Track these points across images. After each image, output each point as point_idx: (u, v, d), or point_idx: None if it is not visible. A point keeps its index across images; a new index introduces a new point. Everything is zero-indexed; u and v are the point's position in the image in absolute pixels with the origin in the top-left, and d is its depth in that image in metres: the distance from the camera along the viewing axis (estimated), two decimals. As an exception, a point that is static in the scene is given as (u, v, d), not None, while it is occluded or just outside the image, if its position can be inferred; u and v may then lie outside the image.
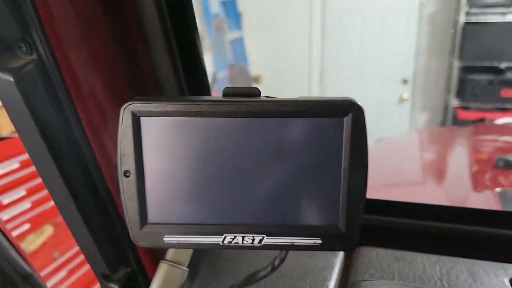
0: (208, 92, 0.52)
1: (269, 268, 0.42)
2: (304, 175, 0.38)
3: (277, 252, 0.42)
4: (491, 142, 1.60)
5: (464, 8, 3.07)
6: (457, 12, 3.15)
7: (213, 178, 0.38)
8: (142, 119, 0.37)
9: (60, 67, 0.38)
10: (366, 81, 3.59)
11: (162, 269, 0.49)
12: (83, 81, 0.40)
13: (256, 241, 0.39)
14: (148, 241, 0.40)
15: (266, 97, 0.38)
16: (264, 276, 0.42)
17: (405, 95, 3.59)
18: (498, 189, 1.17)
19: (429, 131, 2.96)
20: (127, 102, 0.37)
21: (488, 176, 1.28)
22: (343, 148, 0.37)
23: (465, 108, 3.32)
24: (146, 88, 0.46)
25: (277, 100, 0.37)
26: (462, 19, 3.09)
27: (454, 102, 3.32)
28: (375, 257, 0.49)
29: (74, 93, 0.40)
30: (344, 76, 3.62)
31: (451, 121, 3.41)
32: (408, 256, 0.48)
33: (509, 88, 3.18)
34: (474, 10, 3.07)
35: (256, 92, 0.38)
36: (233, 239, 0.39)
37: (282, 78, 3.59)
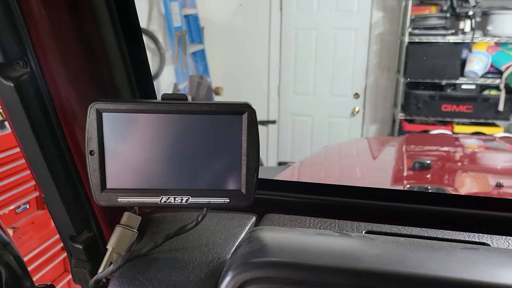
0: (153, 96, 0.69)
1: (194, 223, 0.59)
2: (217, 154, 0.55)
3: (200, 211, 0.59)
4: (417, 149, 1.83)
5: (408, 29, 3.34)
6: (402, 33, 3.43)
7: (154, 156, 0.55)
8: (104, 114, 0.53)
9: (45, 77, 0.54)
10: (321, 95, 3.81)
11: (118, 231, 0.65)
12: (61, 87, 0.57)
13: (184, 200, 0.56)
14: (107, 201, 0.56)
15: (191, 101, 0.55)
16: (191, 228, 0.59)
17: (357, 108, 3.82)
18: (408, 185, 1.39)
19: (366, 139, 3.22)
20: (93, 102, 0.53)
21: (405, 175, 1.50)
22: (242, 136, 0.54)
23: (410, 121, 3.58)
24: (106, 92, 0.62)
25: (198, 102, 0.55)
26: (407, 39, 3.36)
27: (401, 115, 3.57)
28: (276, 219, 0.66)
29: (55, 95, 0.56)
30: (301, 90, 3.84)
31: (398, 132, 3.68)
32: (299, 219, 0.65)
33: (448, 103, 3.45)
34: (417, 31, 3.34)
35: (184, 97, 0.55)
36: (167, 199, 0.56)
37: (242, 91, 3.77)
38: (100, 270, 0.62)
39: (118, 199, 0.56)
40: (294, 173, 1.77)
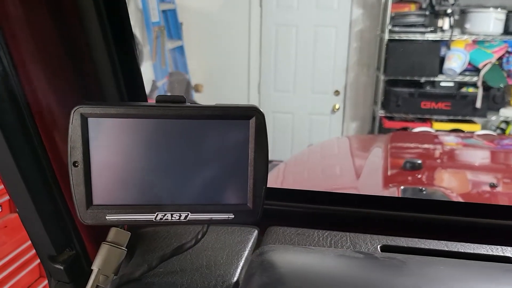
0: (145, 99, 0.62)
1: (193, 241, 0.52)
2: (220, 164, 0.49)
3: (200, 227, 0.52)
4: (404, 147, 1.81)
5: (388, 27, 3.33)
6: (382, 30, 3.43)
7: (147, 168, 0.48)
8: (89, 119, 0.46)
9: (20, 78, 0.46)
10: (301, 92, 3.78)
11: (104, 249, 0.57)
12: (38, 88, 0.49)
13: (182, 217, 0.49)
14: (93, 219, 0.48)
15: (191, 103, 0.49)
16: (189, 247, 0.52)
17: (337, 106, 3.81)
18: (402, 187, 1.36)
19: (350, 137, 3.21)
20: (75, 105, 0.45)
21: (395, 175, 1.47)
22: (249, 143, 0.48)
23: (390, 118, 3.59)
24: (92, 94, 0.55)
25: (198, 106, 0.48)
26: (387, 36, 3.35)
27: (381, 112, 3.57)
28: (281, 233, 0.60)
29: (31, 98, 0.48)
30: (281, 87, 3.80)
31: (378, 129, 3.68)
32: (307, 232, 0.59)
33: (428, 100, 3.47)
34: (397, 28, 3.34)
35: (182, 100, 0.48)
36: (163, 216, 0.49)
37: (222, 88, 3.70)
38: (85, 294, 0.55)
39: (107, 217, 0.48)
40: (279, 175, 1.71)
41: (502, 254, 0.54)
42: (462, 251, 0.55)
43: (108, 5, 0.52)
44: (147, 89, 3.04)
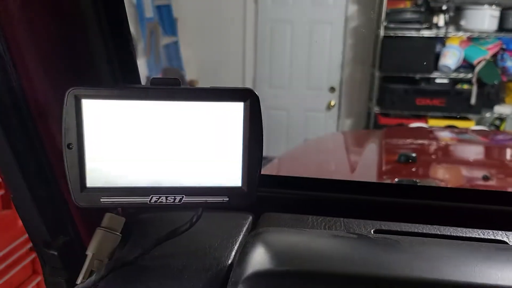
0: (138, 81, 0.62)
1: (188, 224, 0.52)
2: (214, 147, 0.49)
3: (195, 212, 0.52)
4: (399, 142, 1.81)
5: (383, 23, 3.34)
6: (377, 27, 3.43)
7: (142, 149, 0.48)
8: (83, 101, 0.46)
9: (13, 60, 0.46)
10: (296, 89, 3.78)
11: (98, 234, 0.57)
12: (32, 71, 0.48)
13: (177, 200, 0.49)
14: (87, 202, 0.48)
15: (185, 86, 0.49)
16: (184, 231, 0.52)
17: (333, 102, 3.81)
18: (396, 179, 1.36)
19: (346, 133, 3.22)
20: (69, 87, 0.45)
21: (390, 168, 1.47)
22: (243, 126, 0.48)
23: (385, 115, 3.60)
24: (86, 77, 0.55)
25: (194, 88, 0.48)
26: (382, 33, 3.36)
27: (376, 109, 3.58)
28: (276, 219, 0.60)
29: (25, 81, 0.48)
30: (276, 84, 3.80)
31: (373, 126, 3.69)
32: (302, 218, 0.60)
33: (423, 97, 3.48)
34: (392, 25, 3.35)
35: (177, 82, 0.48)
36: (158, 198, 0.49)
37: (216, 84, 3.64)
38: (79, 279, 0.55)
39: (101, 200, 0.48)
40: (273, 170, 1.71)
41: (494, 237, 0.55)
42: (454, 234, 0.55)
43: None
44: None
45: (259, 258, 0.41)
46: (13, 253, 1.84)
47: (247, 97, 0.48)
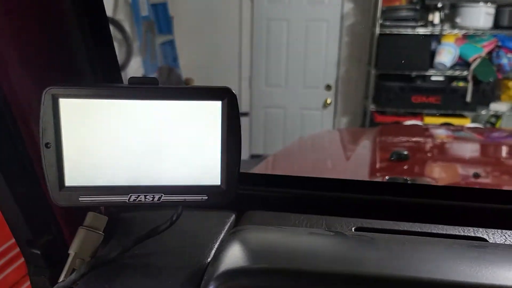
0: (120, 80, 0.62)
1: (168, 223, 0.52)
2: (192, 145, 0.49)
3: (175, 210, 0.53)
4: (393, 140, 1.82)
5: (379, 21, 3.34)
6: (373, 24, 3.43)
7: (120, 148, 0.48)
8: (61, 100, 0.46)
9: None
10: (293, 87, 3.79)
11: (81, 233, 0.57)
12: (11, 69, 0.49)
13: (156, 199, 0.49)
14: (66, 201, 0.48)
15: (164, 85, 0.49)
16: (164, 229, 0.52)
17: (329, 100, 3.81)
18: (387, 177, 1.37)
19: (340, 130, 3.22)
20: (48, 86, 0.45)
21: (382, 166, 1.48)
22: (221, 124, 0.48)
23: (381, 113, 3.60)
24: (66, 76, 0.55)
25: (172, 87, 0.48)
26: (377, 30, 3.36)
27: (372, 106, 3.58)
28: (258, 217, 0.60)
29: (3, 79, 0.48)
30: (272, 82, 3.80)
31: (369, 124, 3.69)
32: (284, 216, 0.60)
33: (418, 94, 3.49)
34: (388, 23, 3.34)
35: (154, 81, 0.48)
36: (137, 197, 0.49)
37: (213, 82, 3.68)
38: (61, 277, 0.55)
39: (80, 198, 0.48)
40: (268, 167, 1.72)
41: (474, 235, 0.55)
42: (435, 231, 0.56)
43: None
44: (138, 83, 3.02)
45: (232, 256, 0.41)
46: (8, 251, 1.85)
47: (225, 95, 0.48)
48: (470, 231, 0.56)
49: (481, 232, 0.56)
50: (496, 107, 3.48)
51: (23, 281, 1.93)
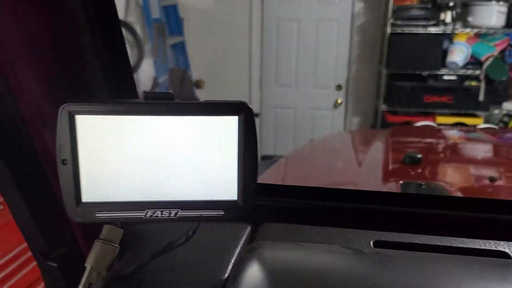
0: (135, 95, 0.62)
1: (184, 238, 0.52)
2: (209, 161, 0.48)
3: (191, 225, 0.52)
4: (403, 142, 1.80)
5: (390, 20, 3.31)
6: (384, 24, 3.40)
7: (137, 164, 0.48)
8: (77, 117, 0.46)
9: (6, 73, 0.46)
10: (303, 87, 3.77)
11: (97, 246, 0.57)
12: (26, 85, 0.49)
13: (172, 214, 0.49)
14: (83, 217, 0.48)
15: (179, 100, 0.48)
16: (181, 244, 0.52)
17: (340, 100, 3.79)
18: (401, 182, 1.35)
19: (352, 132, 3.20)
20: (64, 103, 0.45)
21: (396, 170, 1.46)
22: (238, 139, 0.48)
23: (393, 112, 3.57)
24: (81, 91, 0.55)
25: (188, 102, 0.48)
26: (389, 30, 3.33)
27: (383, 106, 3.55)
28: (274, 230, 0.60)
29: (18, 95, 0.48)
30: (283, 82, 3.79)
31: (380, 124, 3.66)
32: (300, 228, 0.59)
33: (430, 94, 3.45)
34: (399, 22, 3.31)
35: (170, 96, 0.48)
36: (153, 213, 0.49)
37: (223, 83, 3.69)
38: (78, 291, 0.55)
39: (96, 214, 0.48)
40: (280, 170, 1.71)
41: (495, 249, 0.54)
42: (455, 245, 0.55)
43: (96, 1, 0.51)
44: (148, 86, 3.04)
45: (251, 277, 0.41)
46: (22, 254, 1.86)
47: (241, 110, 0.47)
48: (491, 245, 0.55)
49: (502, 246, 0.55)
50: (509, 106, 3.43)
51: (36, 284, 1.95)
